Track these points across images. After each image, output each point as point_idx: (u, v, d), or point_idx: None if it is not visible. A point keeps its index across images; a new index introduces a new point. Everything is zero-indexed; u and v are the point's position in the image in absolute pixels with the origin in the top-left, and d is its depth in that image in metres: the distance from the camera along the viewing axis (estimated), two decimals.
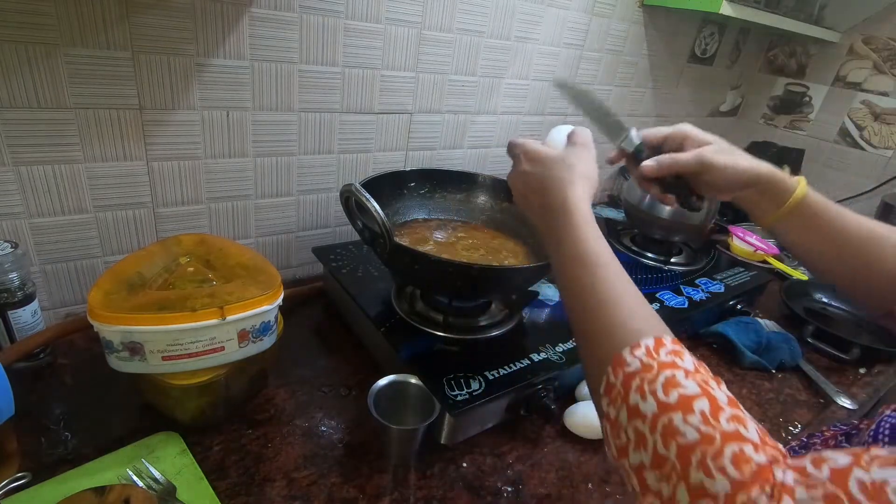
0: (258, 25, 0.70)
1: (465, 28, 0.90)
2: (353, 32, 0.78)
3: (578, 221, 0.44)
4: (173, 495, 0.49)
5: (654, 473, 0.29)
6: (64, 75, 0.60)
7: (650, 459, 0.30)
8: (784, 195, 0.51)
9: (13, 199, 0.63)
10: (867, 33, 1.35)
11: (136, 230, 0.73)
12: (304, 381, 0.67)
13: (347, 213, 0.65)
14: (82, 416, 0.58)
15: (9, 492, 0.47)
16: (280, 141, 0.80)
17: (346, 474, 0.56)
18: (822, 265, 0.52)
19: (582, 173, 0.48)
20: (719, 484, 0.26)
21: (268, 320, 0.57)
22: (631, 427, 0.31)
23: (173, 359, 0.52)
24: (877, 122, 1.37)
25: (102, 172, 0.67)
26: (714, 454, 0.27)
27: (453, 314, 0.71)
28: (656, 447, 0.30)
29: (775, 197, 0.52)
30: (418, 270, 0.64)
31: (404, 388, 0.60)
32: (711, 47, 1.38)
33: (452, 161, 1.02)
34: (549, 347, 0.69)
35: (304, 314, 0.82)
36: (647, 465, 0.30)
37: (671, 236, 1.03)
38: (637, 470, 0.31)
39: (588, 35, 1.08)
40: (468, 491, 0.56)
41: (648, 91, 1.30)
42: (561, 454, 0.63)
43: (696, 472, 0.27)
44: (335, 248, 0.86)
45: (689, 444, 0.28)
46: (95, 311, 0.50)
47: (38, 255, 0.67)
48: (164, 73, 0.66)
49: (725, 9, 1.01)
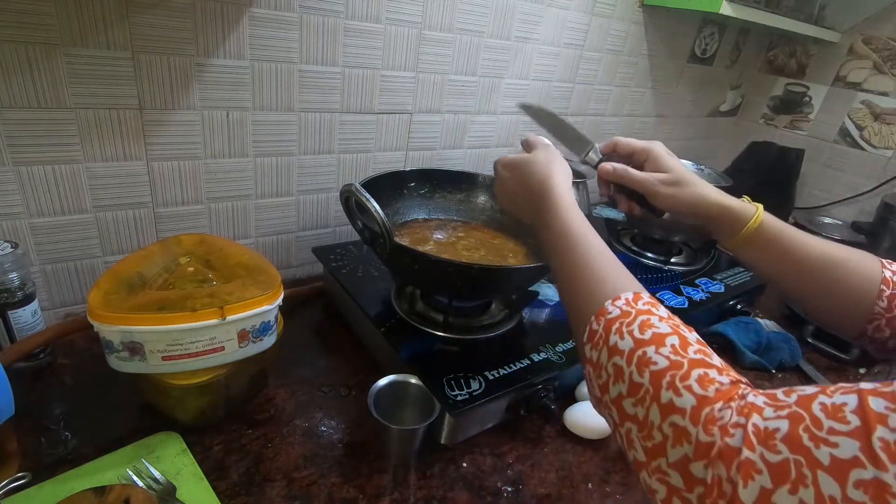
0: (258, 25, 0.70)
1: (465, 28, 0.90)
2: (353, 32, 0.79)
3: (561, 202, 0.49)
4: (173, 495, 0.49)
5: (630, 400, 0.33)
6: (64, 75, 0.60)
7: (627, 388, 0.33)
8: (739, 224, 0.53)
9: (13, 199, 0.63)
10: (867, 33, 1.35)
11: (136, 230, 0.73)
12: (304, 381, 0.67)
13: (347, 213, 0.65)
14: (82, 416, 0.58)
15: (9, 492, 0.47)
16: (280, 141, 0.80)
17: (346, 474, 0.56)
18: (785, 288, 0.54)
19: (554, 162, 0.54)
20: (686, 400, 0.30)
21: (268, 320, 0.57)
22: (610, 364, 0.35)
23: (173, 359, 0.52)
24: (877, 122, 1.37)
25: (102, 172, 0.67)
26: (682, 376, 0.31)
27: (453, 314, 0.71)
28: (632, 376, 0.33)
29: (730, 225, 0.54)
30: (418, 270, 0.64)
31: (404, 388, 0.60)
32: (711, 47, 1.38)
33: (452, 161, 1.02)
34: (549, 347, 0.69)
35: (304, 314, 0.82)
36: (624, 394, 0.34)
37: (671, 236, 1.03)
38: (616, 401, 0.34)
39: (588, 35, 1.08)
40: (468, 491, 0.56)
41: (648, 91, 1.30)
42: (561, 454, 0.63)
43: (665, 392, 0.31)
44: (335, 248, 0.86)
45: (661, 370, 0.32)
46: (95, 311, 0.50)
47: (38, 255, 0.67)
48: (164, 73, 0.66)
49: (725, 9, 1.01)
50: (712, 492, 0.27)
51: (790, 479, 0.25)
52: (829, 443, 0.24)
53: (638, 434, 0.32)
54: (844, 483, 0.23)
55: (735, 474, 0.26)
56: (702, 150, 1.60)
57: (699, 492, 0.28)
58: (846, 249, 0.52)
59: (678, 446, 0.29)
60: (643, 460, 0.32)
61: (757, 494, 0.26)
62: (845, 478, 0.23)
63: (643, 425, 0.32)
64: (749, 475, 0.26)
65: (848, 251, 0.52)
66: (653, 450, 0.31)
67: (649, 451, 0.31)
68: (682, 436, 0.29)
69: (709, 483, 0.28)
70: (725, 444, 0.27)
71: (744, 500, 0.26)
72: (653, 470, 0.31)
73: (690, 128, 1.51)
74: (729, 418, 0.28)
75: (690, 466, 0.29)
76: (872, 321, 0.49)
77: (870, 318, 0.49)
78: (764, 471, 0.26)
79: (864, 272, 0.50)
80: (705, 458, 0.28)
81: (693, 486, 0.29)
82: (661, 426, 0.31)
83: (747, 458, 0.26)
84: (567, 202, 0.50)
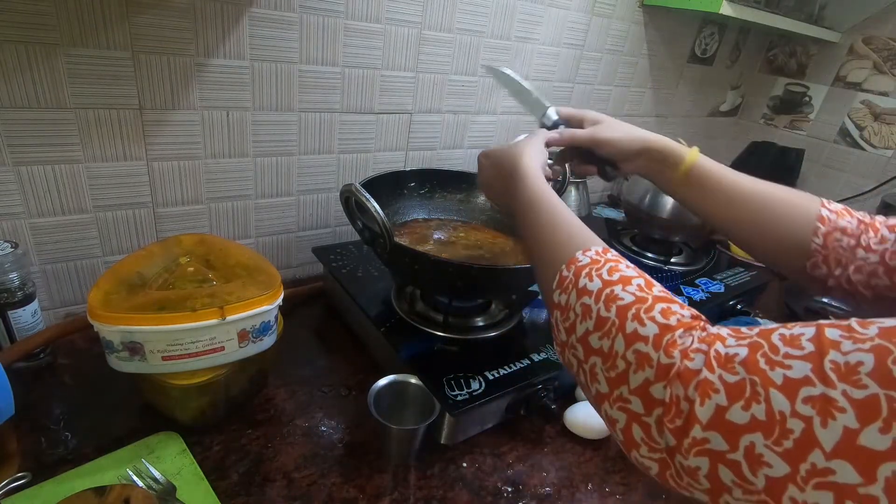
0: (258, 25, 0.70)
1: (465, 28, 0.90)
2: (353, 32, 0.79)
3: (528, 174, 0.52)
4: (173, 495, 0.49)
5: (597, 335, 0.34)
6: (64, 75, 0.60)
7: (594, 324, 0.35)
8: (677, 162, 0.57)
9: (13, 199, 0.63)
10: (867, 33, 1.35)
11: (136, 230, 0.73)
12: (304, 381, 0.67)
13: (347, 213, 0.65)
14: (82, 416, 0.58)
15: (9, 492, 0.47)
16: (280, 141, 0.80)
17: (346, 474, 0.56)
18: (726, 228, 0.57)
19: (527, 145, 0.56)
20: (650, 328, 0.32)
21: (268, 320, 0.57)
22: (579, 304, 0.36)
23: (173, 359, 0.52)
24: (877, 122, 1.37)
25: (102, 172, 0.67)
26: (646, 309, 0.33)
27: (453, 314, 0.71)
28: (599, 312, 0.35)
29: (670, 165, 0.57)
30: (418, 270, 0.64)
31: (404, 388, 0.60)
32: (711, 47, 1.38)
33: (452, 161, 1.02)
34: (549, 347, 0.69)
35: (304, 314, 0.82)
36: (591, 329, 0.35)
37: (671, 236, 1.03)
38: (582, 338, 0.35)
39: (588, 35, 1.08)
40: (468, 491, 0.56)
41: (648, 91, 1.30)
42: (561, 454, 0.63)
43: (630, 323, 0.33)
44: (335, 248, 0.86)
45: (627, 305, 0.34)
46: (95, 311, 0.50)
47: (38, 255, 0.67)
48: (164, 73, 0.66)
49: (725, 9, 1.01)
50: (670, 410, 0.28)
51: (745, 396, 0.26)
52: (784, 365, 0.26)
53: (602, 366, 0.33)
54: (794, 399, 0.24)
55: (693, 392, 0.28)
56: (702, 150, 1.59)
57: (658, 413, 0.29)
58: (783, 189, 0.53)
59: (640, 371, 0.31)
60: (605, 391, 0.33)
61: (713, 412, 0.27)
62: (795, 395, 0.24)
63: (608, 357, 0.33)
64: (706, 394, 0.27)
65: (785, 190, 0.53)
66: (616, 379, 0.32)
67: (612, 381, 0.33)
68: (645, 360, 0.31)
69: (667, 402, 0.29)
70: (685, 366, 0.29)
71: (700, 417, 0.27)
72: (614, 399, 0.32)
73: (690, 128, 1.51)
74: (690, 344, 0.30)
75: (651, 389, 0.30)
76: (810, 258, 0.51)
77: (807, 255, 0.51)
78: (721, 390, 0.27)
79: (801, 210, 0.51)
80: (664, 379, 0.29)
81: (652, 409, 0.30)
82: (626, 354, 0.32)
83: (706, 377, 0.28)
84: (534, 173, 0.52)
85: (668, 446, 0.29)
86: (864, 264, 0.48)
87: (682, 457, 0.28)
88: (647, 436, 0.30)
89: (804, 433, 0.24)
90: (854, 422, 0.23)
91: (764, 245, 0.54)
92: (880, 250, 0.47)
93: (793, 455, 0.24)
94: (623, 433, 0.32)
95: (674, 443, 0.28)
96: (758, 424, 0.25)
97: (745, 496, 0.26)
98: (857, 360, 0.24)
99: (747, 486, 0.26)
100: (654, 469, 0.31)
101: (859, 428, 0.22)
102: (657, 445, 0.30)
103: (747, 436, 0.25)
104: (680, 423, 0.28)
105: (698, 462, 0.27)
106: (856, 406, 0.23)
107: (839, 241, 0.49)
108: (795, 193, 0.53)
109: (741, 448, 0.26)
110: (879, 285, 0.47)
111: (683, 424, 0.28)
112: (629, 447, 0.32)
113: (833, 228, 0.50)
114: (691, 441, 0.27)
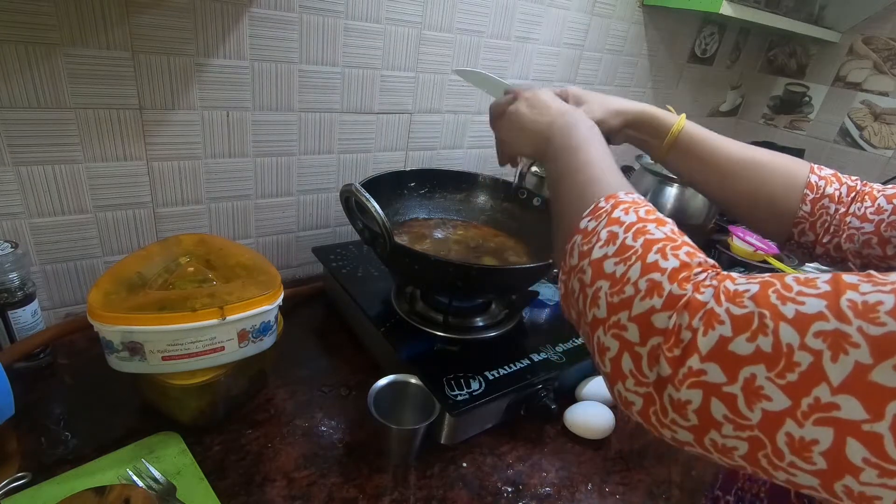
0: (258, 25, 0.70)
1: (465, 28, 0.90)
2: (353, 32, 0.78)
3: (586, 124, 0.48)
4: (173, 495, 0.49)
5: (614, 260, 0.33)
6: (64, 75, 0.60)
7: (616, 249, 0.33)
8: (664, 129, 0.57)
9: (13, 199, 0.63)
10: (867, 33, 1.35)
11: (136, 230, 0.73)
12: (304, 381, 0.67)
13: (347, 213, 0.65)
14: (82, 416, 0.58)
15: (9, 492, 0.47)
16: (280, 141, 0.80)
17: (346, 474, 0.56)
18: (713, 194, 0.56)
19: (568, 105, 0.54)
20: (671, 262, 0.30)
21: (268, 320, 0.57)
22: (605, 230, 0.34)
23: (173, 359, 0.52)
24: (877, 122, 1.37)
25: (102, 172, 0.67)
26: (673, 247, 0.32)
27: (453, 314, 0.71)
28: (625, 241, 0.33)
29: (657, 132, 0.57)
30: (418, 270, 0.64)
31: (404, 388, 0.60)
32: (711, 47, 1.38)
33: (452, 161, 1.02)
34: (549, 347, 0.69)
35: (304, 314, 0.82)
36: (609, 255, 0.33)
37: None
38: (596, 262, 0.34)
39: (588, 35, 1.08)
40: (468, 491, 0.56)
41: (648, 91, 1.30)
42: (561, 454, 0.63)
43: (653, 255, 0.31)
44: (335, 248, 0.86)
45: (656, 239, 0.32)
46: (95, 311, 0.50)
47: (38, 255, 0.67)
48: (164, 73, 0.66)
49: (725, 9, 1.01)
50: (669, 339, 0.28)
51: (751, 328, 0.25)
52: (797, 301, 0.25)
53: (608, 290, 0.32)
54: (804, 332, 0.24)
55: (698, 322, 0.27)
56: None
57: (654, 343, 0.28)
58: (771, 153, 0.53)
59: (647, 299, 0.30)
60: (603, 316, 0.32)
61: (715, 342, 0.26)
62: (806, 328, 0.24)
63: (617, 282, 0.32)
64: (711, 325, 0.26)
65: (772, 154, 0.53)
66: (619, 304, 0.31)
67: (613, 306, 0.31)
68: (655, 289, 0.30)
69: (668, 330, 0.28)
70: (694, 297, 0.28)
71: (700, 347, 0.26)
72: (610, 325, 0.31)
73: None
74: (703, 279, 0.29)
75: (653, 317, 0.29)
76: (798, 225, 0.50)
77: (795, 221, 0.50)
78: (727, 322, 0.26)
79: (788, 175, 0.51)
80: (672, 309, 0.28)
81: (648, 338, 0.29)
82: (637, 282, 0.31)
83: (713, 309, 0.27)
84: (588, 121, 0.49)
85: (660, 377, 0.28)
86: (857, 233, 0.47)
87: (673, 388, 0.27)
88: (637, 367, 0.29)
89: (811, 366, 0.23)
90: (868, 357, 0.22)
91: (751, 211, 0.54)
92: (875, 220, 0.46)
93: (796, 388, 0.23)
94: (612, 363, 0.31)
95: (668, 372, 0.27)
96: (762, 356, 0.24)
97: (736, 432, 0.25)
98: (876, 299, 0.23)
99: (740, 422, 0.25)
100: (638, 405, 0.30)
101: (873, 364, 0.22)
102: (645, 379, 0.29)
103: (748, 367, 0.25)
104: (678, 352, 0.27)
105: (690, 395, 0.27)
106: (871, 342, 0.22)
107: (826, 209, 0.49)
108: (785, 159, 0.52)
109: (740, 380, 0.25)
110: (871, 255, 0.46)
111: (681, 354, 0.27)
112: (615, 378, 0.31)
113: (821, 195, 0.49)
114: (687, 371, 0.27)
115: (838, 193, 0.49)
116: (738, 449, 0.26)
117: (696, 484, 0.62)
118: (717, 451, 0.27)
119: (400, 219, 0.83)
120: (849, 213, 0.48)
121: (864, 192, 0.49)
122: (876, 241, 0.46)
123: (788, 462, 0.24)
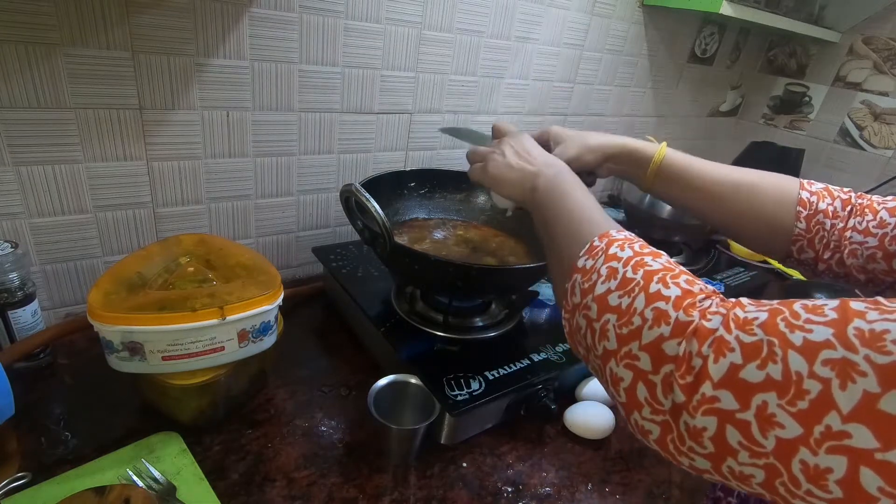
0: (258, 25, 0.70)
1: (465, 28, 0.90)
2: (353, 32, 0.78)
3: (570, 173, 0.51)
4: (173, 495, 0.49)
5: (618, 293, 0.34)
6: (64, 75, 0.60)
7: (618, 283, 0.34)
8: (646, 161, 0.57)
9: (13, 199, 0.63)
10: (867, 33, 1.35)
11: (136, 230, 0.73)
12: (304, 381, 0.67)
13: (347, 213, 0.65)
14: (82, 416, 0.58)
15: (9, 492, 0.47)
16: (280, 141, 0.80)
17: (346, 474, 0.56)
18: (707, 217, 0.56)
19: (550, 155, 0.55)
20: (673, 291, 0.31)
21: (268, 320, 0.57)
22: (605, 266, 0.36)
23: (173, 359, 0.52)
24: (877, 122, 1.37)
25: (102, 172, 0.67)
26: (672, 276, 0.33)
27: (453, 314, 0.71)
28: (626, 274, 0.34)
29: (639, 164, 0.58)
30: (418, 270, 0.64)
31: (404, 388, 0.60)
32: (711, 47, 1.38)
33: (452, 161, 1.02)
34: (549, 347, 0.69)
35: (304, 314, 0.82)
36: (612, 289, 0.34)
37: (671, 236, 1.03)
38: (600, 297, 0.35)
39: (588, 35, 1.08)
40: (468, 491, 0.56)
41: (648, 91, 1.30)
42: (561, 454, 0.63)
43: (655, 284, 0.32)
44: (335, 248, 0.86)
45: (655, 270, 0.34)
46: (95, 311, 0.50)
47: (38, 255, 0.67)
48: (164, 73, 0.66)
49: (725, 9, 1.01)
50: (681, 366, 0.28)
51: (761, 356, 0.25)
52: (805, 329, 0.25)
53: (616, 322, 0.33)
54: (813, 360, 0.24)
55: (707, 349, 0.27)
56: (702, 150, 1.60)
57: (666, 370, 0.29)
58: (758, 173, 0.53)
59: (655, 327, 0.30)
60: (613, 348, 0.32)
61: (726, 369, 0.26)
62: (815, 357, 0.24)
63: (624, 313, 0.32)
64: (721, 352, 0.27)
65: (760, 174, 0.53)
66: (628, 335, 0.32)
67: (623, 338, 0.32)
68: (662, 317, 0.30)
69: (679, 357, 0.28)
70: (702, 324, 0.28)
71: (712, 374, 0.27)
72: (622, 356, 0.32)
73: (690, 128, 1.51)
74: (709, 306, 0.30)
75: (664, 345, 0.29)
76: (795, 242, 0.50)
77: (792, 239, 0.50)
78: (737, 349, 0.26)
79: (779, 194, 0.51)
80: (681, 336, 0.29)
81: (661, 366, 0.29)
82: (644, 311, 0.31)
83: (722, 336, 0.27)
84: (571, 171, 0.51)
85: (675, 404, 0.28)
86: (860, 248, 0.47)
87: (688, 415, 0.27)
88: (652, 395, 0.30)
89: (821, 394, 0.23)
90: (875, 386, 0.22)
91: (747, 232, 0.54)
92: (879, 234, 0.46)
93: (807, 416, 0.23)
94: (626, 393, 0.31)
95: (683, 399, 0.27)
96: (772, 384, 0.25)
97: (752, 459, 0.25)
98: (882, 328, 0.23)
99: (755, 449, 0.25)
100: (655, 433, 0.30)
101: (880, 392, 0.22)
102: (661, 407, 0.29)
103: (760, 395, 0.25)
104: (690, 379, 0.27)
105: (705, 422, 0.27)
106: (878, 371, 0.22)
107: (822, 224, 0.49)
108: (774, 177, 0.52)
109: (752, 407, 0.25)
110: (877, 269, 0.46)
111: (694, 381, 0.27)
112: (631, 408, 0.31)
113: (815, 211, 0.49)
114: (700, 398, 0.27)
115: (832, 208, 0.49)
116: (755, 476, 0.26)
117: (696, 484, 0.62)
118: (735, 479, 0.27)
119: (400, 219, 0.83)
120: (848, 227, 0.48)
121: (863, 205, 0.48)
122: (881, 256, 0.45)
123: (805, 490, 0.24)
